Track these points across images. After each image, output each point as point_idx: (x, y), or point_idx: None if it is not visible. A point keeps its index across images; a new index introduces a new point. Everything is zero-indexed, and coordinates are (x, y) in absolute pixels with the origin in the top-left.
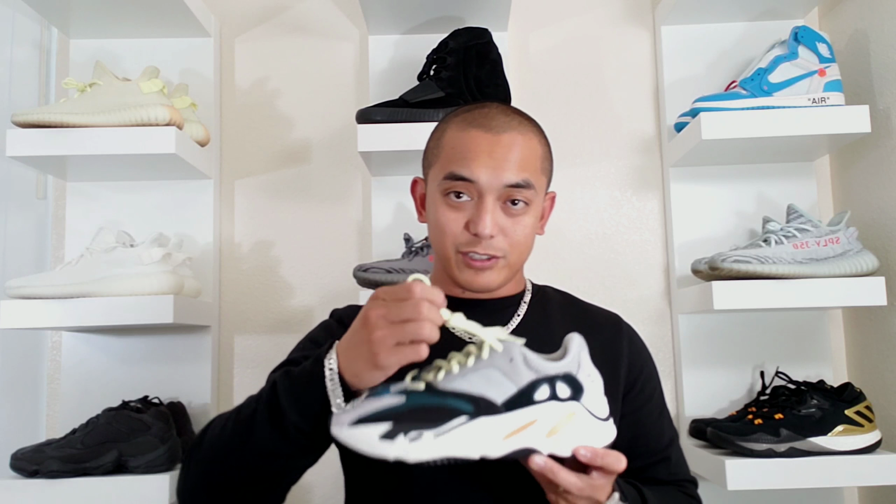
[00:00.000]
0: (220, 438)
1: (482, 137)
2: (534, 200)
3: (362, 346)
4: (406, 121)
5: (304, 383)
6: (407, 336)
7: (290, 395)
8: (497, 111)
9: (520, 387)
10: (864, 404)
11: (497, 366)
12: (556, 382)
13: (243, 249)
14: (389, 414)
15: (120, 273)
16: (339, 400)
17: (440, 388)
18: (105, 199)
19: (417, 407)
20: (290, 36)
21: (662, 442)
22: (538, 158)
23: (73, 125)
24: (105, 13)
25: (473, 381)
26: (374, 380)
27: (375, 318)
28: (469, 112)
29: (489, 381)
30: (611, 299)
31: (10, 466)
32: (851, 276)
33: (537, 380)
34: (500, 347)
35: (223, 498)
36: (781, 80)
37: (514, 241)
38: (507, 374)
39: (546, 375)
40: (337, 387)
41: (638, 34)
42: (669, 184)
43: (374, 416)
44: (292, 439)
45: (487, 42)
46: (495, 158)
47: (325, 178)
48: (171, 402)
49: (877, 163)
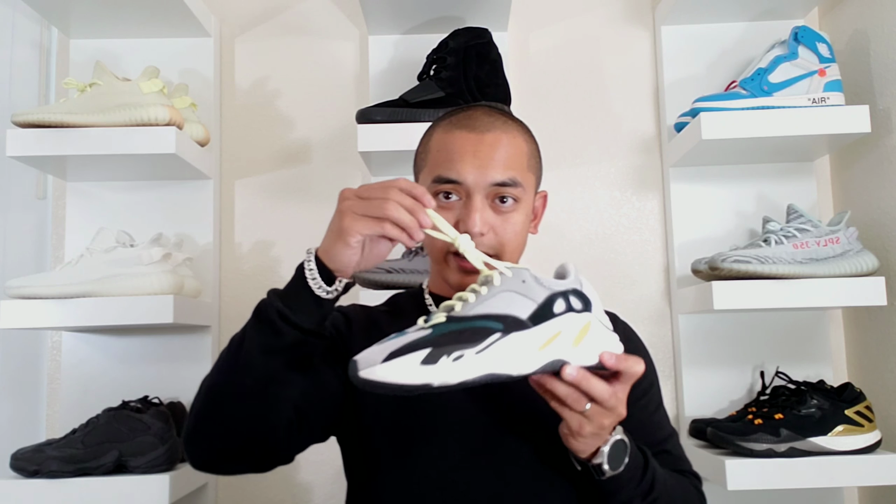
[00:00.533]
0: (216, 365)
1: (466, 138)
2: (522, 198)
3: (334, 218)
4: (406, 121)
5: (290, 282)
6: (372, 209)
7: (275, 293)
8: (481, 112)
9: (538, 302)
10: (864, 404)
11: (512, 288)
12: (568, 296)
13: (243, 249)
14: (423, 342)
15: (120, 273)
16: (315, 277)
17: (463, 315)
18: (105, 199)
19: (447, 332)
20: (290, 36)
21: (660, 435)
22: (524, 156)
23: (73, 125)
24: (105, 13)
25: (495, 304)
26: (337, 252)
27: (349, 194)
28: (454, 115)
29: (510, 302)
30: (611, 299)
31: (10, 466)
32: (851, 276)
33: (553, 294)
34: (509, 273)
35: (223, 425)
36: (781, 80)
37: (504, 238)
38: (524, 293)
39: (559, 290)
40: (313, 266)
41: (638, 34)
42: (669, 184)
43: (408, 347)
44: (278, 329)
45: (487, 42)
46: (480, 157)
47: (325, 178)
48: (171, 402)
49: (877, 163)
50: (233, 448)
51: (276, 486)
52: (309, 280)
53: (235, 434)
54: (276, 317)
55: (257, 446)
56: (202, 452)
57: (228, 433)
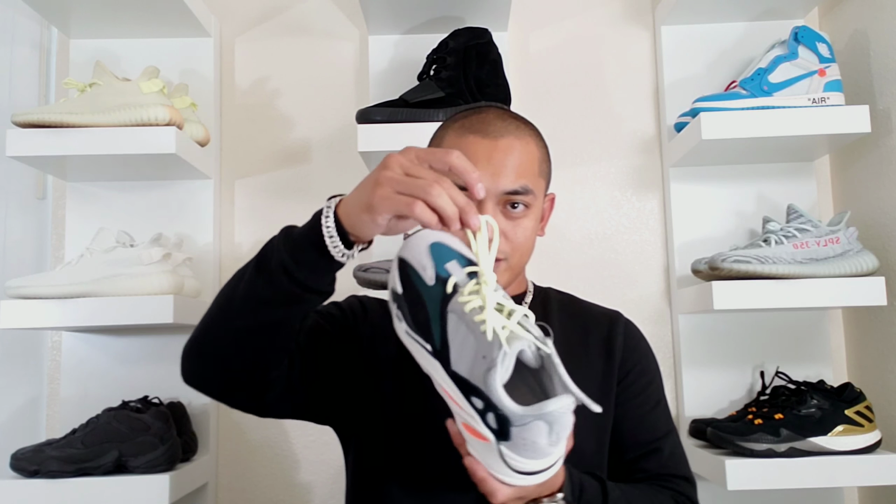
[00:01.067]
0: (217, 296)
1: (480, 143)
2: (533, 204)
3: (368, 184)
4: (406, 121)
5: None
6: (411, 188)
7: (284, 239)
8: (494, 116)
9: (468, 378)
10: (864, 404)
11: (482, 347)
12: (489, 411)
13: (243, 249)
14: (412, 285)
15: (120, 273)
16: (333, 236)
17: (448, 306)
18: (105, 199)
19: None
20: (290, 36)
21: (654, 434)
22: (536, 162)
23: (73, 125)
24: (105, 13)
25: (459, 331)
26: (363, 225)
27: (395, 163)
28: (466, 118)
29: (462, 345)
30: (611, 299)
31: (10, 466)
32: (851, 276)
33: (480, 391)
34: (519, 348)
35: (213, 354)
36: (781, 80)
37: (515, 243)
38: (476, 357)
39: (489, 398)
40: (331, 224)
41: (638, 34)
42: (669, 184)
43: (406, 272)
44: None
45: (487, 42)
46: (493, 165)
47: (325, 178)
48: (171, 402)
49: (877, 163)
50: (219, 376)
51: (276, 486)
52: (326, 238)
53: (223, 364)
54: (280, 270)
55: (243, 385)
56: (192, 369)
57: (217, 361)
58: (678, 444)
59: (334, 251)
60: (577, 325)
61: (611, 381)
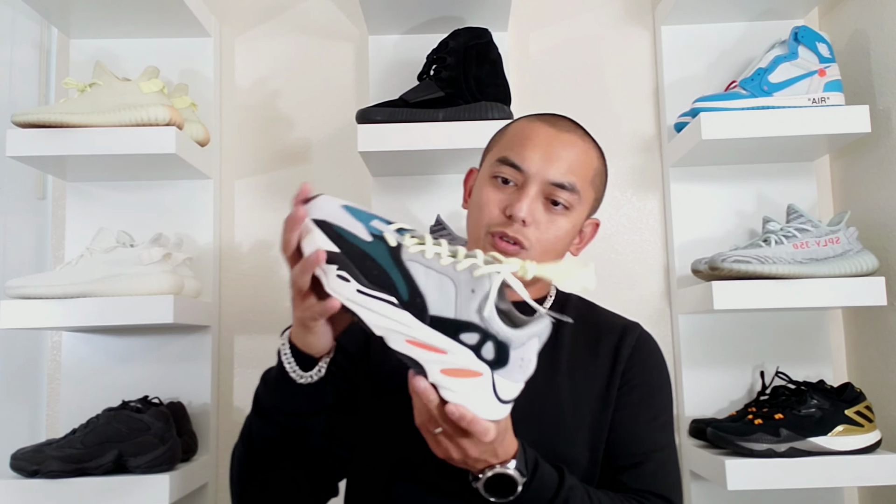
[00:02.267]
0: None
1: (545, 130)
2: (575, 207)
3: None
4: (406, 121)
5: (274, 368)
6: (295, 291)
7: (264, 379)
8: (567, 119)
9: (457, 317)
10: (864, 404)
11: (459, 283)
12: (487, 340)
13: (243, 249)
14: (347, 243)
15: (120, 273)
16: (290, 362)
17: (402, 257)
18: (105, 199)
19: (371, 256)
20: (290, 36)
21: (640, 447)
22: (591, 169)
23: (73, 125)
24: (105, 13)
25: (429, 277)
26: (312, 342)
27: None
28: (543, 113)
29: (440, 290)
30: (611, 299)
31: (10, 466)
32: (851, 276)
33: (475, 325)
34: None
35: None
36: (781, 80)
37: (543, 238)
38: (458, 298)
39: (485, 329)
40: (287, 351)
41: (638, 34)
42: (669, 184)
43: (336, 233)
44: (273, 419)
45: (487, 42)
46: (550, 152)
47: (325, 178)
48: (171, 402)
49: (877, 163)
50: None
51: None
52: (287, 370)
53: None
54: (265, 404)
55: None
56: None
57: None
58: (669, 464)
59: (299, 379)
60: (590, 332)
61: (612, 391)
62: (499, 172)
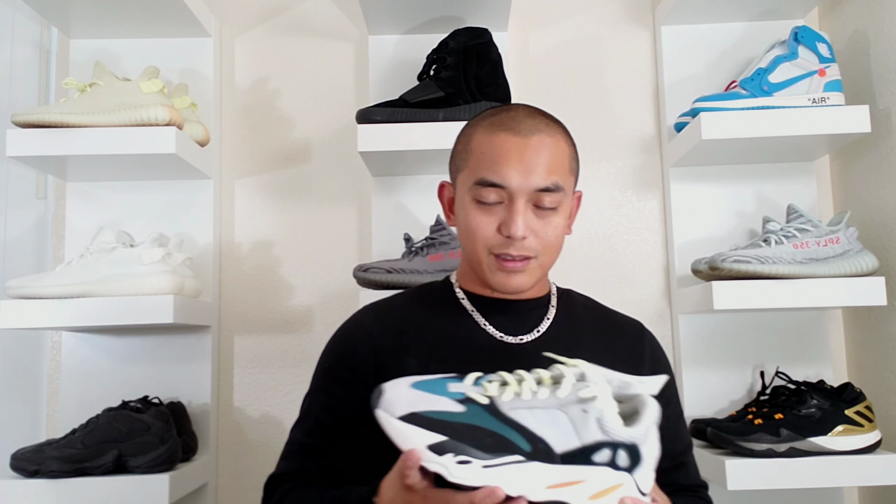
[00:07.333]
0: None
1: (511, 141)
2: (563, 201)
3: None
4: (406, 121)
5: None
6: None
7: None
8: (524, 114)
9: (584, 443)
10: (864, 404)
11: (567, 411)
12: (618, 449)
13: (243, 249)
14: (445, 424)
15: (120, 273)
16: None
17: (503, 411)
18: (105, 199)
19: (476, 425)
20: (290, 36)
21: (679, 447)
22: (566, 159)
23: (73, 125)
24: (105, 13)
25: (540, 418)
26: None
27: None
28: (496, 116)
29: (555, 426)
30: (611, 299)
31: (10, 466)
32: (851, 276)
33: (603, 442)
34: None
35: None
36: (781, 80)
37: (545, 241)
38: (576, 424)
39: (613, 440)
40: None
41: (638, 34)
42: (669, 184)
43: (429, 420)
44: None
45: (487, 42)
46: (525, 163)
47: (325, 178)
48: (171, 402)
49: (877, 163)
50: None
51: None
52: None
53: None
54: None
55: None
56: None
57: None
58: (693, 454)
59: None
60: (603, 330)
61: None
62: (481, 197)
